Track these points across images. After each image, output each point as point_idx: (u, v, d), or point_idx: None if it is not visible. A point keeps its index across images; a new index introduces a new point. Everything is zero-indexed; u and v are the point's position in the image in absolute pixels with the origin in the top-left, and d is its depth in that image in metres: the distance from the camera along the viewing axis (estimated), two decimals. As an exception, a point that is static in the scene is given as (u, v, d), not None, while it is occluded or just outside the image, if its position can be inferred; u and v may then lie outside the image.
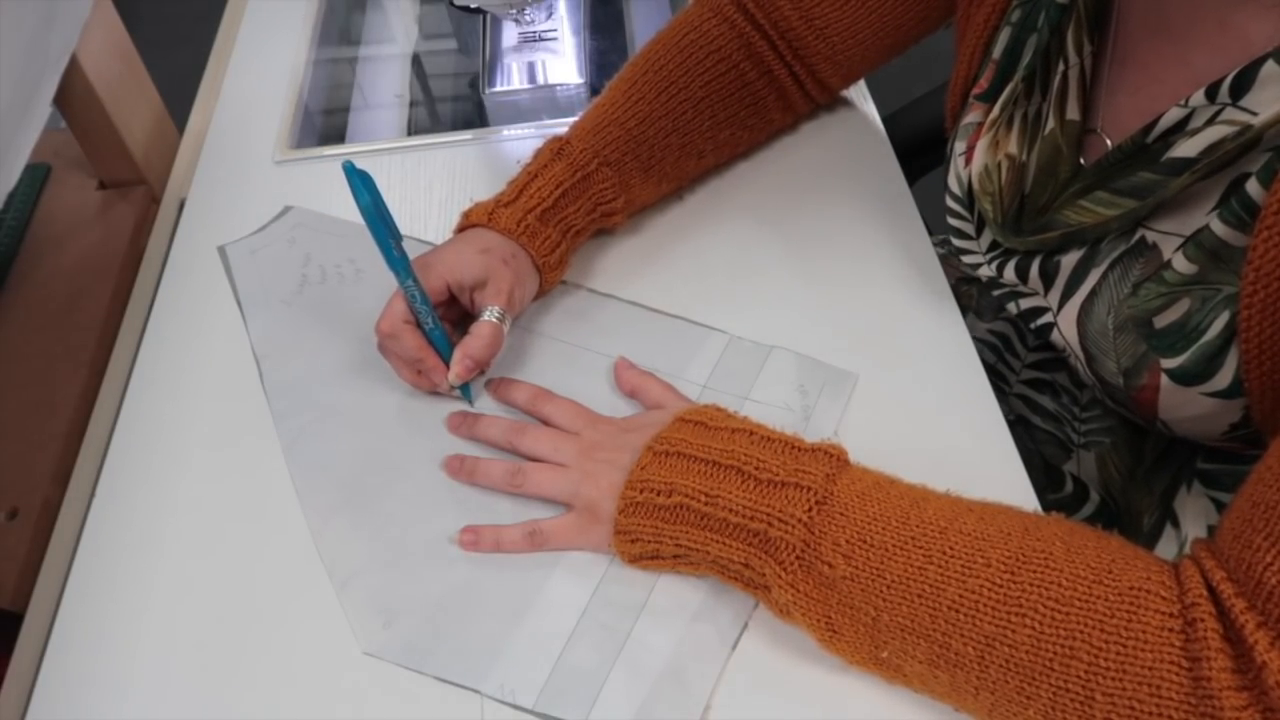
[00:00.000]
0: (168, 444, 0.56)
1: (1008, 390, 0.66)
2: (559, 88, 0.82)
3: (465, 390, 0.55)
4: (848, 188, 0.65)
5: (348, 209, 0.66)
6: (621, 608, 0.47)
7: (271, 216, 0.67)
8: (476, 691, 0.45)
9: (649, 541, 0.46)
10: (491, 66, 0.83)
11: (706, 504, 0.44)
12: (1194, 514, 0.56)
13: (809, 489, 0.43)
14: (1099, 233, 0.49)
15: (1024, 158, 0.53)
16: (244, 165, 0.71)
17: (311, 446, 0.54)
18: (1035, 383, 0.64)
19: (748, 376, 0.55)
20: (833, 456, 0.45)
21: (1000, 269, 0.55)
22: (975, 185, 0.54)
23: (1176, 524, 0.56)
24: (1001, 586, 0.39)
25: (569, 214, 0.58)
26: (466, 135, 0.72)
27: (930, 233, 0.63)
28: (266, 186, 0.69)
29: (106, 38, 0.67)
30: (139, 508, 0.53)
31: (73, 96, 0.65)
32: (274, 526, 0.52)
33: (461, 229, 0.58)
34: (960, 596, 0.39)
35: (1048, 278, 0.52)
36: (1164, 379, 0.47)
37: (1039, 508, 0.49)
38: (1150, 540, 0.57)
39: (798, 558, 0.42)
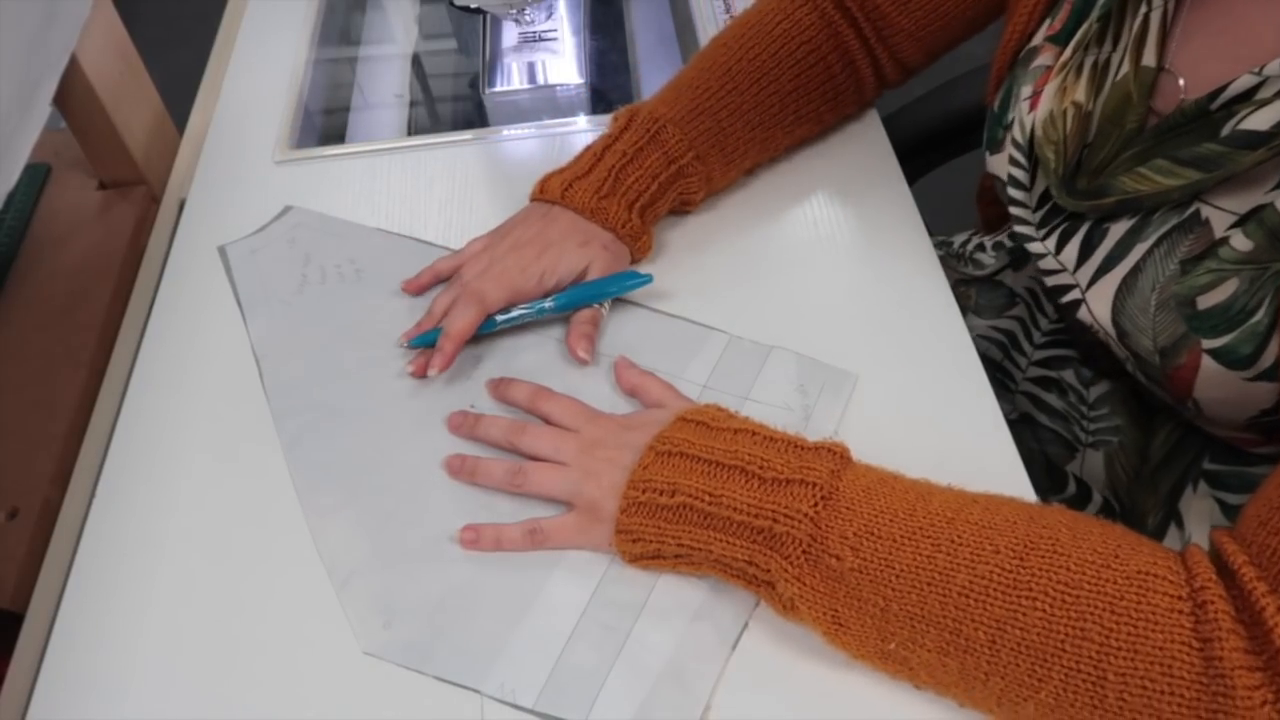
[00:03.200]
0: (168, 444, 0.56)
1: (1014, 388, 0.65)
2: (559, 88, 0.82)
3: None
4: (848, 188, 0.65)
5: (348, 209, 0.67)
6: (621, 608, 0.47)
7: (271, 216, 0.67)
8: (476, 691, 0.45)
9: (651, 541, 0.46)
10: (491, 66, 0.83)
11: (710, 504, 0.44)
12: (1198, 515, 0.56)
13: (814, 485, 0.43)
14: (1156, 202, 0.47)
15: (1090, 106, 0.51)
16: (244, 165, 0.71)
17: (311, 446, 0.54)
18: (1042, 380, 0.64)
19: (748, 376, 0.56)
20: (836, 454, 0.45)
21: (1046, 233, 0.53)
22: (1039, 132, 0.52)
23: (1180, 525, 0.56)
24: (1010, 571, 0.39)
25: (658, 206, 0.60)
26: (466, 135, 0.72)
27: (930, 233, 0.63)
28: (266, 186, 0.69)
29: (106, 38, 0.67)
30: (139, 508, 0.53)
31: (73, 96, 0.64)
32: (274, 526, 0.52)
33: (554, 203, 0.59)
34: (970, 582, 0.39)
35: (1089, 247, 0.50)
36: (1205, 360, 0.46)
37: (1039, 508, 0.49)
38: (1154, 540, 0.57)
39: (804, 552, 0.42)
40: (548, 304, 0.57)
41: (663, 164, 0.58)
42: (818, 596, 0.42)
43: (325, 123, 0.80)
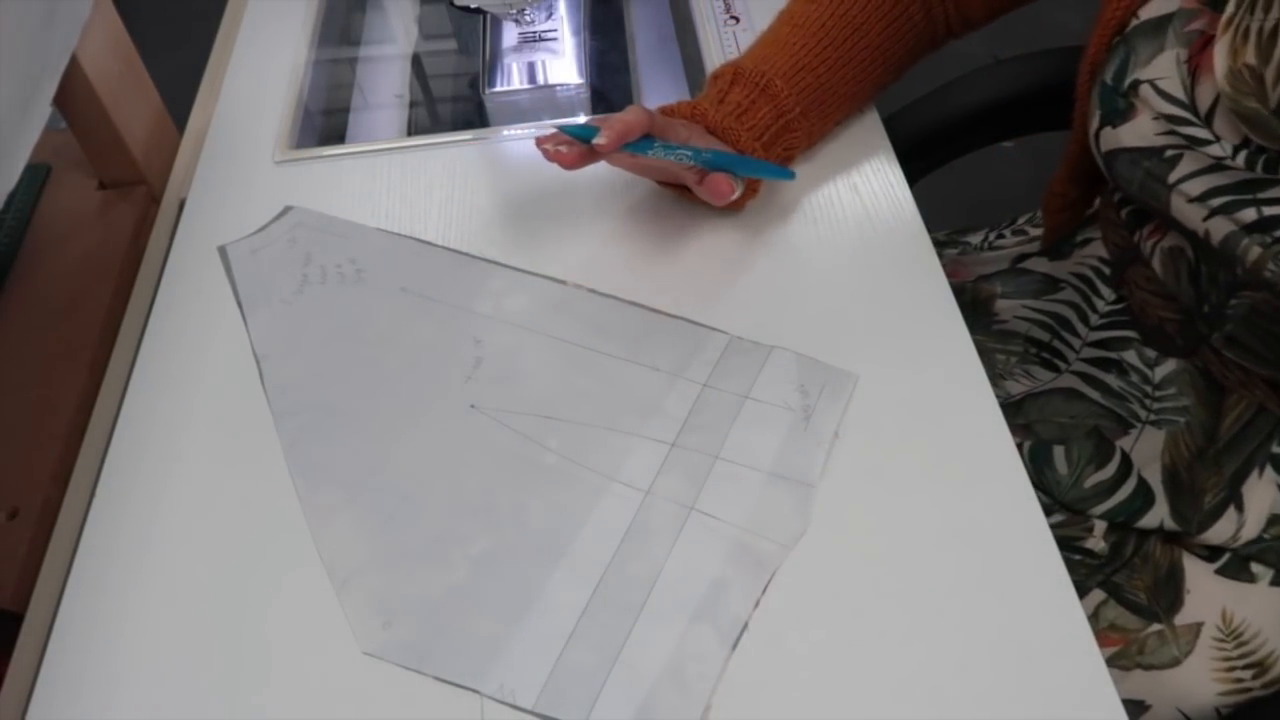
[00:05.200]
0: (168, 444, 0.56)
1: (1064, 367, 0.66)
2: (559, 88, 0.82)
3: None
4: (848, 188, 0.65)
5: (348, 209, 0.67)
6: (621, 608, 0.47)
7: (271, 216, 0.67)
8: (476, 692, 0.45)
9: None
10: (491, 67, 0.83)
11: None
12: (1259, 500, 0.56)
13: None
14: None
15: (1263, 69, 0.49)
16: (244, 165, 0.71)
17: (311, 446, 0.54)
18: (1100, 361, 0.64)
19: (748, 376, 0.56)
20: None
21: (1268, 168, 0.50)
22: (1227, 88, 0.50)
23: (1240, 508, 0.56)
24: None
25: (770, 157, 0.60)
26: (466, 135, 0.72)
27: (932, 231, 0.63)
28: (266, 186, 0.69)
29: (107, 38, 0.67)
30: (139, 508, 0.53)
31: (73, 96, 0.64)
32: (274, 526, 0.52)
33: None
34: None
35: None
36: None
37: (1038, 508, 0.49)
38: (1209, 519, 0.58)
39: None
40: (698, 155, 0.56)
41: (773, 117, 0.59)
42: None
43: (325, 123, 0.80)
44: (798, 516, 0.50)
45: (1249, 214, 0.50)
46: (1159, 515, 0.60)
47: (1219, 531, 0.58)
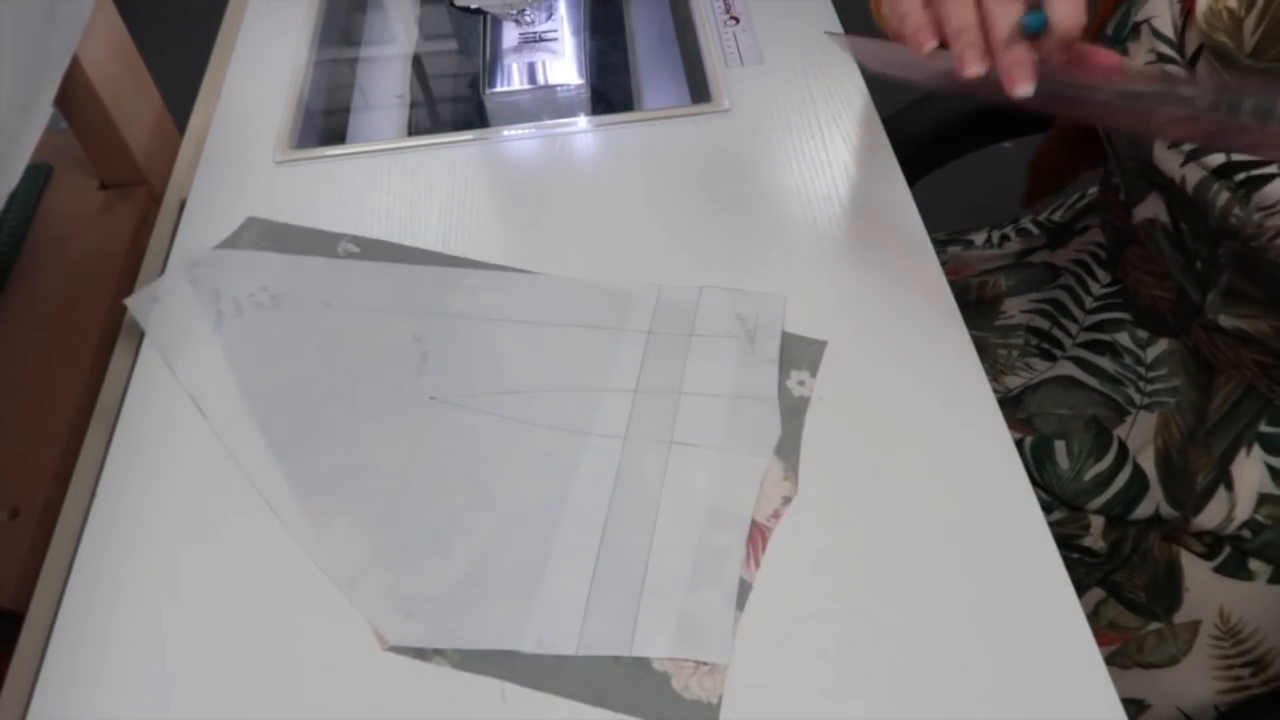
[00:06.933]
0: (168, 443, 0.56)
1: (1061, 355, 0.66)
2: (559, 88, 0.82)
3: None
4: (848, 187, 0.65)
5: (348, 209, 0.67)
6: (632, 546, 0.49)
7: (274, 216, 0.66)
8: (517, 653, 0.46)
9: None
10: (491, 67, 0.83)
11: None
12: (1249, 479, 0.57)
13: None
14: None
15: (1242, 13, 0.50)
16: (244, 165, 0.71)
17: (284, 467, 0.54)
18: (1094, 344, 0.64)
19: (686, 317, 0.58)
20: None
21: (1232, 110, 0.49)
22: (1204, 25, 0.51)
23: (1230, 487, 0.57)
24: None
25: None
26: (467, 136, 0.72)
27: (930, 232, 0.63)
28: (266, 187, 0.69)
29: (108, 38, 0.67)
30: (139, 508, 0.53)
31: (74, 97, 0.65)
32: (276, 526, 0.52)
33: None
34: None
35: None
36: None
37: (1037, 507, 0.49)
38: (1201, 500, 0.58)
39: None
40: None
41: None
42: None
43: (325, 123, 0.80)
44: (767, 425, 0.52)
45: (1217, 157, 0.50)
46: (1154, 502, 0.60)
47: (1212, 514, 0.59)
